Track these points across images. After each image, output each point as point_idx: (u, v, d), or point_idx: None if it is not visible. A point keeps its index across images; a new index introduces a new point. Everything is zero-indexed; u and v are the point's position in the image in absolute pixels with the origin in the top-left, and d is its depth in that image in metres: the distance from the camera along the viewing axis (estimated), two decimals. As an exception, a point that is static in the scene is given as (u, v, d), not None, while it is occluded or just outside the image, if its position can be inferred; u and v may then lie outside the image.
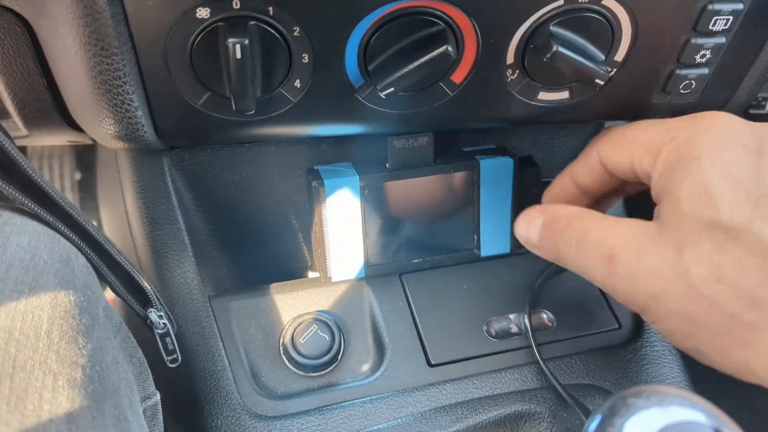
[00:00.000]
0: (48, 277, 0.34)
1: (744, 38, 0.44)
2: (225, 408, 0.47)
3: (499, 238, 0.56)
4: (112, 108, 0.41)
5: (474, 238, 0.55)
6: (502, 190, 0.54)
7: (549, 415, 0.47)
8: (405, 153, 0.52)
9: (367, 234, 0.53)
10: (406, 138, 0.51)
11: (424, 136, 0.51)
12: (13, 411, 0.29)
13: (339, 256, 0.53)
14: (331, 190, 0.51)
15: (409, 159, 0.52)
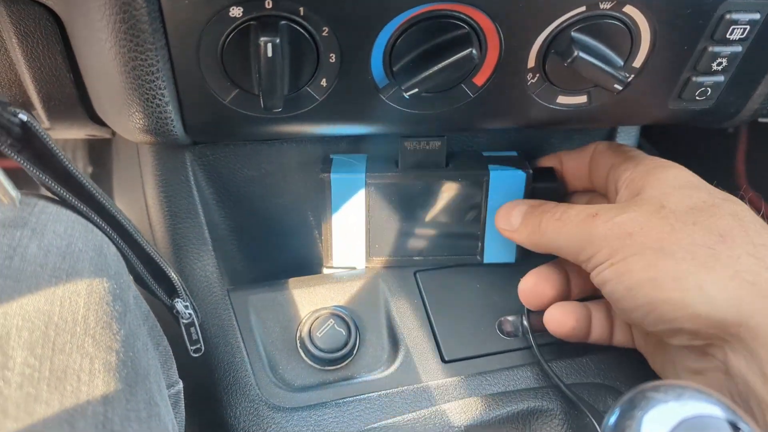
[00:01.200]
0: (83, 264, 0.35)
1: (760, 47, 0.45)
2: (243, 399, 0.48)
3: (504, 248, 0.56)
4: (144, 102, 0.42)
5: (478, 245, 0.56)
6: None
7: (561, 412, 0.48)
8: (416, 155, 0.52)
9: (370, 227, 0.54)
10: (417, 141, 0.52)
11: (437, 141, 0.52)
12: (53, 391, 0.30)
13: (342, 243, 0.55)
14: (337, 184, 0.52)
15: (420, 161, 0.52)
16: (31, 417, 0.29)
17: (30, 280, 0.33)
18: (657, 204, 0.43)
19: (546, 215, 0.47)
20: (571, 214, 0.46)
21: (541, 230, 0.47)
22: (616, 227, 0.43)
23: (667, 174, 0.45)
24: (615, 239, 0.42)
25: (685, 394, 0.29)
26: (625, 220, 0.43)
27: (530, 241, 0.49)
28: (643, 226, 0.42)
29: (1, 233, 0.34)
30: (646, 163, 0.47)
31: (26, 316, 0.31)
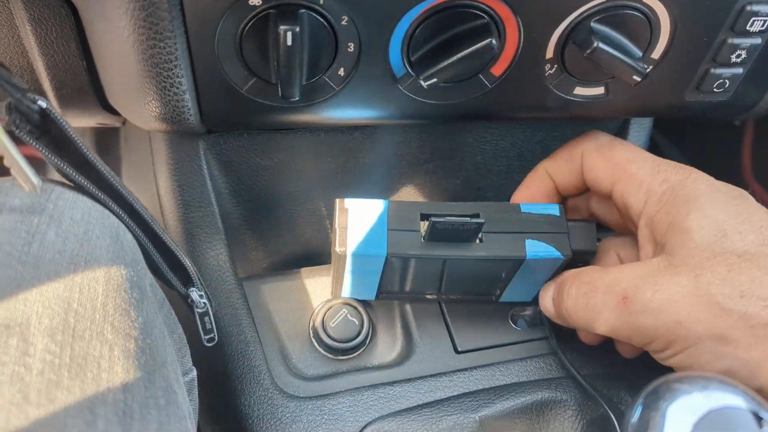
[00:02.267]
0: (101, 252, 0.35)
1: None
2: (257, 388, 0.48)
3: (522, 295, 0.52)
4: (161, 90, 0.42)
5: (497, 293, 0.52)
6: (541, 275, 0.49)
7: (575, 403, 0.48)
8: (445, 233, 0.44)
9: (383, 281, 0.49)
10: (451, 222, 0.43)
11: (473, 224, 0.44)
12: (74, 378, 0.30)
13: (352, 289, 0.51)
14: (355, 259, 0.45)
15: (449, 235, 0.45)
16: (53, 404, 0.29)
17: (49, 267, 0.32)
18: (690, 275, 0.38)
19: (567, 299, 0.44)
20: (598, 301, 0.42)
21: (572, 318, 0.44)
22: (658, 318, 0.39)
23: (690, 223, 0.40)
24: (664, 330, 0.39)
25: (710, 386, 0.29)
26: (665, 305, 0.38)
27: (569, 326, 0.47)
28: (689, 310, 0.38)
29: (18, 219, 0.34)
30: (660, 196, 0.43)
31: (46, 303, 0.31)
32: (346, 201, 0.45)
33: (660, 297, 0.39)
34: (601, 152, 0.47)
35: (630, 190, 0.44)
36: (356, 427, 0.47)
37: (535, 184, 0.51)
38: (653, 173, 0.44)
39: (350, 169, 0.57)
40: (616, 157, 0.46)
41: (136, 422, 0.31)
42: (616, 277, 0.42)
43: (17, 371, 0.29)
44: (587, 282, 0.43)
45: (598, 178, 0.47)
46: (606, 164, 0.46)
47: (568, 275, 0.45)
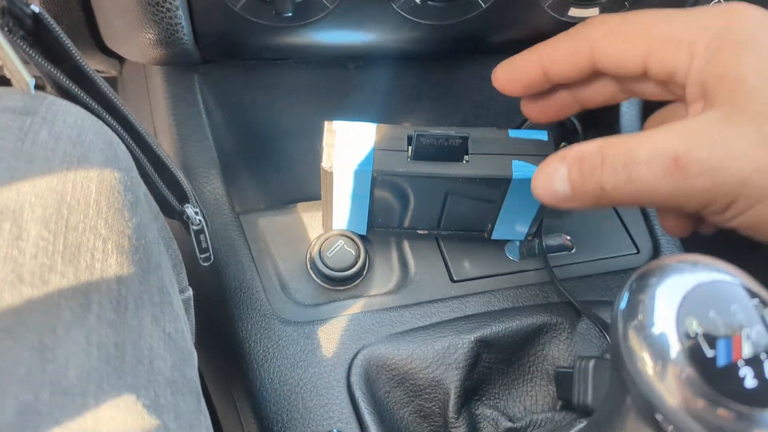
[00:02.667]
0: (94, 154, 0.35)
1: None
2: (255, 313, 0.48)
3: (514, 232, 0.52)
4: (153, 8, 0.42)
5: (488, 227, 0.51)
6: (530, 202, 0.48)
7: (569, 326, 0.48)
8: (433, 148, 0.45)
9: (374, 207, 0.49)
10: (436, 137, 0.44)
11: (458, 138, 0.44)
12: (67, 265, 0.30)
13: (343, 218, 0.52)
14: (341, 175, 0.46)
15: (435, 153, 0.45)
16: (47, 285, 0.29)
17: (42, 163, 0.33)
18: (752, 125, 0.33)
19: (605, 176, 0.37)
20: (642, 171, 0.35)
21: (611, 196, 0.37)
22: (720, 176, 0.33)
23: (744, 67, 0.34)
24: (724, 191, 0.34)
25: (700, 264, 0.29)
26: (727, 162, 0.33)
27: (598, 206, 0.39)
28: (755, 165, 0.33)
29: (11, 118, 0.34)
30: (706, 47, 0.36)
31: (39, 194, 0.31)
32: (334, 123, 0.46)
33: (719, 153, 0.33)
34: (617, 34, 0.40)
35: (669, 56, 0.38)
36: (352, 350, 0.47)
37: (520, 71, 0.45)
38: (690, 26, 0.37)
39: (346, 105, 0.57)
40: (637, 30, 0.39)
41: (130, 312, 0.32)
42: (659, 139, 0.35)
43: (10, 253, 0.29)
44: (623, 152, 0.36)
45: (623, 62, 0.40)
46: (628, 43, 0.39)
47: (583, 149, 0.38)
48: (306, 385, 0.45)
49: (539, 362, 0.49)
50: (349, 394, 0.45)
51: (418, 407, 0.46)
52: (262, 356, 0.47)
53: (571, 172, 0.39)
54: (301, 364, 0.46)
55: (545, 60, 0.43)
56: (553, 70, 0.43)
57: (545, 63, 0.43)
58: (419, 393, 0.46)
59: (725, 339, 0.27)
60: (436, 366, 0.46)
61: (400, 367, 0.46)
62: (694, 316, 0.28)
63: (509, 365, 0.49)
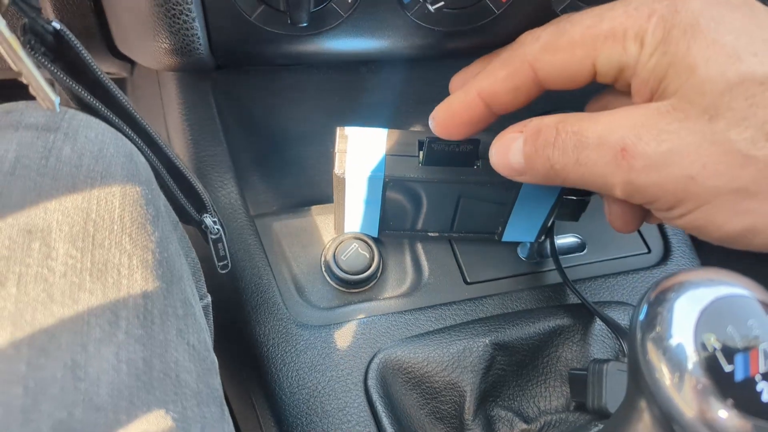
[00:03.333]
0: (116, 169, 0.35)
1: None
2: (272, 317, 0.49)
3: (524, 234, 0.52)
4: (170, 19, 0.43)
5: (498, 229, 0.52)
6: (540, 206, 0.49)
7: (583, 328, 0.49)
8: (443, 154, 0.45)
9: (386, 211, 0.50)
10: (446, 143, 0.44)
11: (469, 144, 0.44)
12: (95, 282, 0.31)
13: (355, 222, 0.52)
14: (353, 181, 0.47)
15: (446, 158, 0.45)
16: (77, 304, 0.30)
17: (66, 179, 0.33)
18: (702, 117, 0.31)
19: (555, 152, 0.36)
20: (590, 155, 0.34)
21: (559, 174, 0.36)
22: (665, 173, 0.32)
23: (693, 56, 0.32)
24: (672, 187, 0.32)
25: (718, 278, 0.30)
26: (673, 158, 0.32)
27: (549, 183, 0.38)
28: (704, 163, 0.31)
29: (34, 136, 0.34)
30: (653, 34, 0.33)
31: (65, 212, 0.32)
32: (346, 128, 0.47)
33: (666, 147, 0.32)
34: (556, 46, 0.37)
35: (616, 50, 0.35)
36: (369, 353, 0.48)
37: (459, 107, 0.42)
38: (631, 14, 0.35)
39: (358, 108, 0.57)
40: (576, 35, 0.36)
41: (156, 326, 0.32)
42: (609, 124, 0.34)
43: (41, 272, 0.30)
44: (575, 131, 0.35)
45: (570, 73, 0.37)
46: (570, 51, 0.37)
47: (541, 123, 0.37)
48: (324, 389, 0.46)
49: (553, 364, 0.49)
50: (367, 398, 0.46)
51: (434, 409, 0.47)
52: (280, 360, 0.47)
53: (526, 144, 0.37)
54: (318, 368, 0.47)
55: (485, 94, 0.40)
56: (497, 102, 0.40)
57: (486, 97, 0.40)
58: (435, 395, 0.47)
59: (743, 353, 0.28)
60: (452, 369, 0.47)
61: (416, 370, 0.47)
62: (712, 331, 0.29)
63: (523, 367, 0.49)
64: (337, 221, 0.53)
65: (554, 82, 0.38)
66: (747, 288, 0.30)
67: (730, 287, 0.30)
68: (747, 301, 0.29)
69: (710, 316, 0.29)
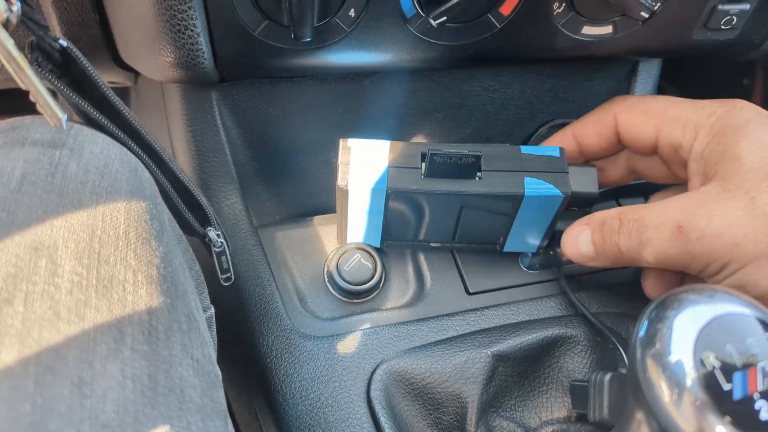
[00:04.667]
0: (121, 184, 0.36)
1: (786, -26, 0.45)
2: (275, 328, 0.49)
3: (525, 245, 0.53)
4: (175, 34, 0.43)
5: (500, 240, 0.52)
6: (542, 217, 0.49)
7: (584, 338, 0.49)
8: (444, 167, 0.46)
9: (388, 222, 0.50)
10: (449, 156, 0.45)
11: (471, 157, 0.45)
12: (101, 299, 0.31)
13: (358, 232, 0.52)
14: (356, 193, 0.47)
15: (448, 170, 0.46)
16: (83, 321, 0.30)
17: (72, 196, 0.34)
18: (746, 197, 0.39)
19: (621, 238, 0.43)
20: (651, 235, 0.41)
21: (626, 256, 0.43)
22: (715, 242, 0.39)
23: (741, 149, 0.41)
24: (720, 254, 0.39)
25: (716, 295, 0.30)
26: (721, 230, 0.39)
27: (618, 265, 0.45)
28: (746, 233, 0.38)
29: (40, 152, 0.35)
30: (709, 129, 0.43)
31: (71, 229, 0.32)
32: (349, 140, 0.47)
33: (717, 222, 0.39)
34: (635, 109, 0.47)
35: (676, 132, 0.44)
36: (371, 365, 0.48)
37: (559, 142, 0.51)
38: (697, 110, 0.44)
39: (361, 119, 0.58)
40: (652, 108, 0.47)
41: (161, 342, 0.33)
42: (666, 209, 0.41)
43: (47, 290, 0.30)
44: (636, 219, 0.43)
45: (638, 134, 0.47)
46: (644, 118, 0.47)
47: (605, 214, 0.45)
48: (327, 400, 0.47)
49: (554, 374, 0.50)
50: (369, 409, 0.46)
51: (437, 420, 0.48)
52: (283, 371, 0.48)
53: (594, 234, 0.45)
54: (321, 379, 0.47)
55: (577, 133, 0.51)
56: (584, 141, 0.50)
57: (577, 136, 0.51)
58: (437, 406, 0.47)
59: (741, 372, 0.28)
60: (454, 380, 0.47)
61: (418, 381, 0.47)
62: (711, 349, 0.29)
63: (525, 378, 0.50)
64: (340, 231, 0.53)
65: (628, 139, 0.48)
66: (746, 306, 0.30)
67: (729, 305, 0.30)
68: (746, 320, 0.30)
69: (709, 334, 0.29)
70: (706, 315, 0.29)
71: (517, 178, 0.47)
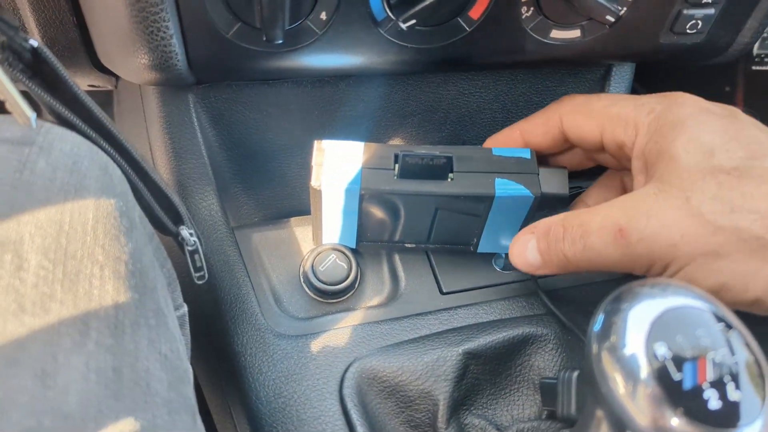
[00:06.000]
0: (90, 182, 0.36)
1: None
2: (250, 328, 0.50)
3: (498, 246, 0.54)
4: (148, 36, 0.44)
5: (474, 241, 0.53)
6: (514, 218, 0.50)
7: (555, 337, 0.50)
8: (416, 168, 0.47)
9: (362, 223, 0.51)
10: (420, 157, 0.46)
11: (442, 158, 0.47)
12: (67, 292, 0.32)
13: (333, 233, 0.53)
14: (329, 193, 0.48)
15: (421, 171, 0.47)
16: (48, 314, 0.31)
17: (40, 193, 0.34)
18: (681, 197, 0.39)
19: (565, 245, 0.44)
20: (594, 239, 0.42)
21: (572, 263, 0.44)
22: (654, 242, 0.39)
23: (677, 148, 0.41)
24: (659, 255, 0.40)
25: (669, 289, 0.31)
26: (659, 230, 0.39)
27: (564, 273, 0.46)
28: (682, 234, 0.39)
29: (9, 149, 0.35)
30: (647, 128, 0.43)
31: (38, 224, 0.33)
32: (323, 142, 0.48)
33: (654, 223, 0.39)
34: (579, 110, 0.48)
35: (618, 130, 0.45)
36: (344, 363, 0.48)
37: (505, 140, 0.52)
38: (637, 108, 0.45)
39: (337, 122, 0.58)
40: (595, 108, 0.47)
41: (127, 336, 0.33)
42: (607, 212, 0.42)
43: (12, 283, 0.31)
44: (579, 224, 0.43)
45: (583, 134, 0.48)
46: (587, 118, 0.47)
47: (549, 222, 0.45)
48: (300, 398, 0.47)
49: (526, 372, 0.50)
50: (342, 406, 0.47)
51: (409, 418, 0.48)
52: (257, 370, 0.48)
53: (539, 243, 0.45)
54: (294, 377, 0.48)
55: (524, 131, 0.51)
56: (531, 140, 0.51)
57: (524, 134, 0.51)
58: (409, 404, 0.48)
59: (691, 362, 0.29)
60: (426, 378, 0.47)
61: (390, 379, 0.48)
62: (663, 340, 0.29)
63: (497, 375, 0.50)
64: (315, 233, 0.54)
65: (573, 137, 0.49)
66: (699, 299, 0.31)
67: (682, 298, 0.31)
68: (698, 312, 0.30)
69: (661, 325, 0.30)
70: (659, 307, 0.30)
71: (488, 179, 0.47)
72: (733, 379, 0.29)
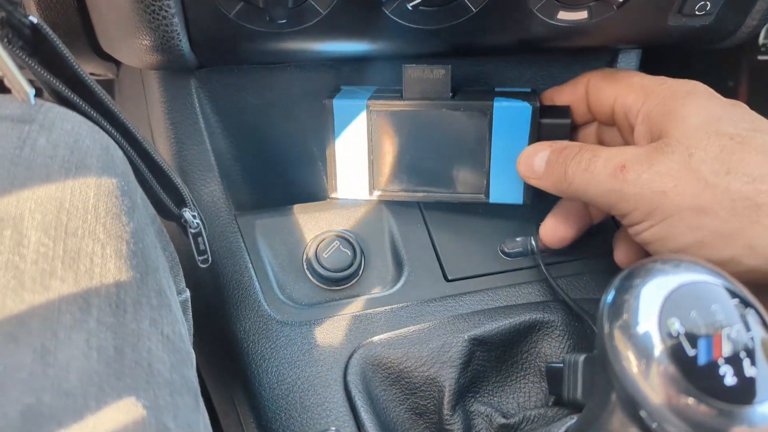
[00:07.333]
0: (92, 160, 0.36)
1: (759, -41, 0.45)
2: (252, 314, 0.49)
3: (511, 186, 0.54)
4: (149, 15, 0.43)
5: (484, 182, 0.54)
6: (518, 138, 0.52)
7: (561, 323, 0.49)
8: (420, 84, 0.51)
9: (373, 158, 0.54)
10: (421, 68, 0.50)
11: (441, 69, 0.50)
12: (67, 270, 0.31)
13: (345, 173, 0.55)
14: (339, 110, 0.52)
15: (424, 90, 0.51)
16: (48, 291, 0.30)
17: (40, 170, 0.33)
18: (684, 153, 0.41)
19: (572, 163, 0.45)
20: (599, 165, 0.44)
21: (568, 180, 0.46)
22: (647, 185, 0.41)
23: (687, 110, 0.43)
24: (648, 199, 0.41)
25: (682, 265, 0.30)
26: (655, 177, 0.41)
27: (556, 189, 0.47)
28: (676, 182, 0.40)
29: (9, 126, 0.35)
30: (658, 93, 0.45)
31: (39, 201, 0.32)
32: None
33: (654, 170, 0.41)
34: (605, 75, 0.50)
35: (630, 96, 0.47)
36: (349, 350, 0.48)
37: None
38: (654, 79, 0.47)
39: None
40: (618, 76, 0.49)
41: (129, 315, 0.32)
42: (618, 151, 0.44)
43: (12, 259, 0.30)
44: (591, 150, 0.45)
45: (601, 99, 0.50)
46: (609, 84, 0.49)
47: (569, 143, 0.48)
48: (303, 384, 0.46)
49: (532, 359, 0.50)
50: (346, 393, 0.46)
51: (414, 405, 0.47)
52: (260, 356, 0.48)
53: (552, 154, 0.48)
54: (298, 364, 0.47)
55: (553, 92, 0.54)
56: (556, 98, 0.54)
57: (554, 97, 0.54)
58: (414, 391, 0.47)
59: (706, 338, 0.28)
60: (431, 364, 0.47)
61: (395, 366, 0.47)
62: (677, 316, 0.29)
63: (502, 362, 0.50)
64: (329, 180, 0.56)
65: (593, 105, 0.51)
66: (713, 275, 0.30)
67: (695, 273, 0.30)
68: (711, 287, 0.30)
69: (675, 301, 0.29)
70: (672, 283, 0.29)
71: (487, 98, 0.52)
72: (748, 355, 0.28)
